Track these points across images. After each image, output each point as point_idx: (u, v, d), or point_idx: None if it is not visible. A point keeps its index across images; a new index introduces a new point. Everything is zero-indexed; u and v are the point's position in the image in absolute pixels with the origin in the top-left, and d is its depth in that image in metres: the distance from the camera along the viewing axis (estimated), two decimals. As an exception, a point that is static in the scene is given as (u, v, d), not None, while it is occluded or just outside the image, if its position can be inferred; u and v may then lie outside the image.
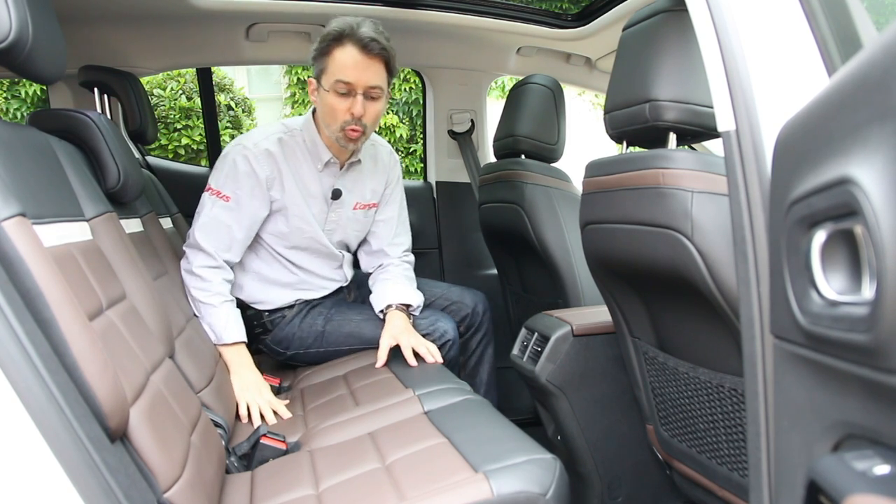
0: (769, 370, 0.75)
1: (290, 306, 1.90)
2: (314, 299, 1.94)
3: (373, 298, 1.87)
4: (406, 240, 2.01)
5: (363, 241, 2.01)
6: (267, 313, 1.90)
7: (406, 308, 1.82)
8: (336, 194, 1.83)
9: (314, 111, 1.79)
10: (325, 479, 1.16)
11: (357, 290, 2.06)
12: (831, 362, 0.58)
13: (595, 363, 1.58)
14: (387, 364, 1.72)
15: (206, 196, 1.75)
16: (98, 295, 1.03)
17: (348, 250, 1.99)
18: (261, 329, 1.90)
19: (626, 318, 1.41)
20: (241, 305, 1.83)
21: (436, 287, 2.06)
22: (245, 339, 1.73)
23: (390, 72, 1.65)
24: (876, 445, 0.54)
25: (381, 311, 1.82)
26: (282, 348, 1.92)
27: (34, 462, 0.72)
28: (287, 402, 1.67)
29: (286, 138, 1.77)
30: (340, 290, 2.00)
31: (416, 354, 1.70)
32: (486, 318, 2.03)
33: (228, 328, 1.69)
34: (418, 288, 1.96)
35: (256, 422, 1.57)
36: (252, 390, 1.63)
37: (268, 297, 1.88)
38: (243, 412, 1.60)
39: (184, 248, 1.77)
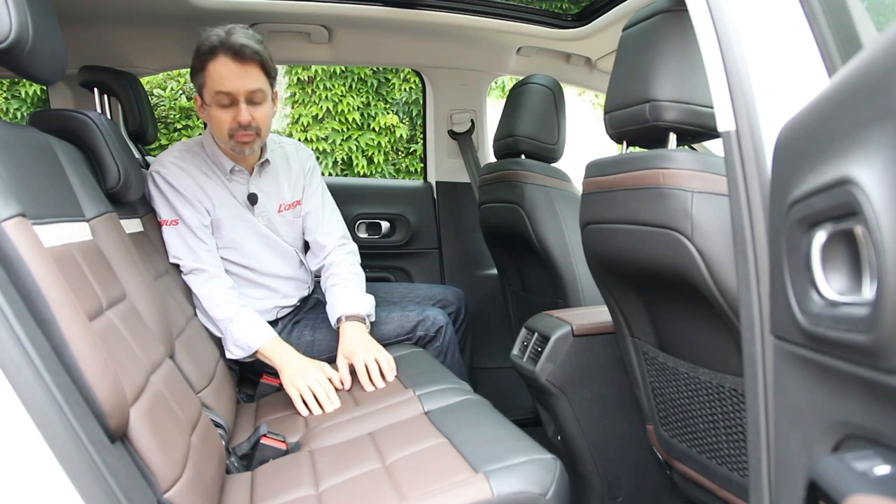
0: (769, 370, 0.75)
1: (274, 322, 1.87)
2: (291, 308, 1.92)
3: (328, 310, 1.84)
4: (338, 227, 1.96)
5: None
6: None
7: (362, 316, 1.78)
8: (252, 199, 1.82)
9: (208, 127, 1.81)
10: (325, 480, 1.16)
11: None
12: (832, 363, 0.58)
13: (595, 363, 1.58)
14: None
15: (163, 230, 1.73)
16: (98, 295, 1.03)
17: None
18: None
19: (627, 318, 1.41)
20: None
21: (418, 289, 2.14)
22: (274, 334, 1.71)
23: (268, 73, 1.66)
24: (876, 446, 0.54)
25: (336, 326, 1.78)
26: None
27: (35, 462, 0.72)
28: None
29: (188, 155, 1.77)
30: (319, 303, 1.98)
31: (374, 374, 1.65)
32: (465, 309, 2.15)
33: (249, 334, 1.67)
34: (401, 290, 2.05)
35: (316, 410, 1.54)
36: (297, 376, 1.59)
37: None
38: (298, 405, 1.56)
39: (183, 278, 1.73)
